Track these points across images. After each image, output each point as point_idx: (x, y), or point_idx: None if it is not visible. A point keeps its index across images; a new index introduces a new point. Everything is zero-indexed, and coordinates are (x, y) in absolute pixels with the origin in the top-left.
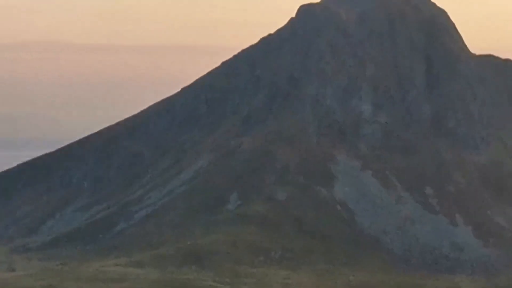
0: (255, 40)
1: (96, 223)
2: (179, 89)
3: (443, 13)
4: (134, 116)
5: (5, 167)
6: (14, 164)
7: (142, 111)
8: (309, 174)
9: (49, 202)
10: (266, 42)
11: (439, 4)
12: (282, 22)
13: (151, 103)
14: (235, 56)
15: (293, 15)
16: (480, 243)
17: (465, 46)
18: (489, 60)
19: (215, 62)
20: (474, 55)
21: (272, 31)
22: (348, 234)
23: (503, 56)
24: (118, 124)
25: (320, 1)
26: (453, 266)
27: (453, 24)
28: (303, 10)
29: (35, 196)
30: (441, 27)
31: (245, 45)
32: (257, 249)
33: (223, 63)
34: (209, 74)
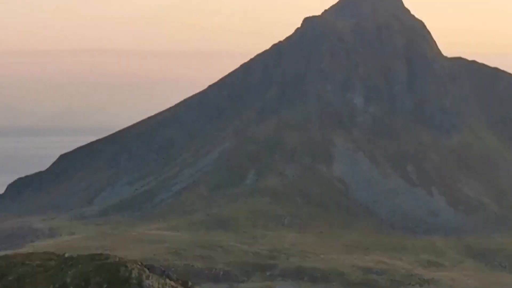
0: (267, 46)
1: (140, 195)
2: (206, 87)
3: (420, 23)
4: (169, 109)
5: (66, 150)
6: (74, 147)
7: (176, 105)
8: (312, 155)
9: (102, 178)
10: (277, 47)
11: (417, 16)
12: (289, 31)
13: (183, 98)
14: (251, 60)
15: (299, 25)
16: (451, 210)
17: (439, 50)
18: (459, 61)
19: (235, 64)
20: (446, 58)
21: (282, 38)
22: (344, 203)
23: (470, 58)
24: (156, 115)
25: (321, 14)
26: (429, 228)
27: (429, 32)
28: (307, 21)
29: (90, 173)
30: (419, 35)
31: (259, 50)
32: (270, 216)
33: (242, 65)
34: (230, 74)
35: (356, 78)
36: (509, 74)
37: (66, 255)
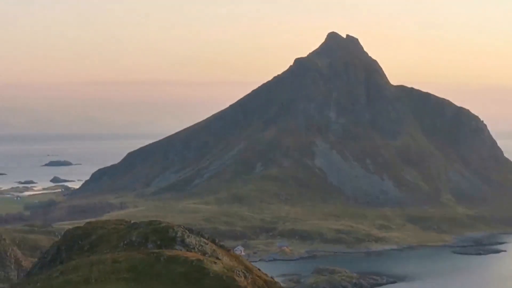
0: (270, 77)
1: (182, 180)
2: (227, 106)
3: (374, 61)
4: (202, 121)
5: (131, 150)
6: (137, 148)
7: (207, 118)
8: (301, 152)
9: (156, 169)
10: (276, 79)
11: (372, 56)
12: (285, 67)
13: (211, 114)
14: (258, 87)
15: (291, 63)
16: (396, 190)
17: (387, 79)
18: (401, 87)
19: (247, 90)
20: (392, 85)
21: (280, 72)
22: (322, 186)
23: (409, 85)
24: (194, 125)
25: (307, 56)
26: (381, 203)
27: (380, 67)
28: (297, 61)
29: (148, 165)
30: (374, 69)
31: (264, 81)
32: (272, 194)
33: (252, 91)
34: (244, 97)
35: (331, 99)
36: (436, 96)
37: (132, 221)
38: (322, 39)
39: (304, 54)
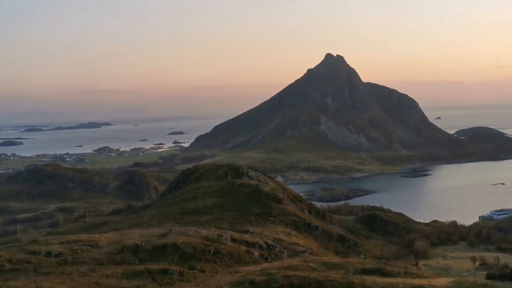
0: (292, 81)
1: (245, 140)
2: (268, 98)
3: (353, 69)
4: (254, 107)
5: (216, 124)
6: (219, 123)
7: (257, 105)
8: (312, 123)
9: (230, 135)
10: (297, 81)
11: (352, 66)
12: (302, 74)
13: (259, 103)
14: (285, 88)
15: (305, 71)
16: (368, 142)
17: (360, 79)
18: (369, 84)
19: (279, 90)
20: (363, 82)
21: (299, 77)
22: (325, 141)
23: (373, 82)
24: (249, 109)
25: (314, 67)
26: (359, 150)
27: (357, 72)
28: (309, 70)
29: (226, 134)
30: (352, 73)
31: (288, 83)
32: (296, 147)
33: (283, 89)
34: (277, 94)
35: (328, 92)
36: (389, 88)
37: (218, 164)
38: (322, 57)
39: (312, 66)
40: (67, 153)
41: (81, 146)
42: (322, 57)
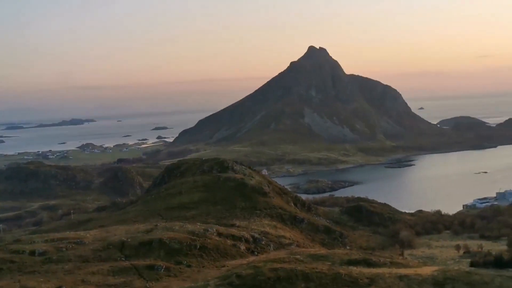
0: (276, 73)
1: (231, 134)
2: (253, 91)
3: (336, 61)
4: (239, 101)
5: (201, 118)
6: (204, 117)
7: (241, 99)
8: (296, 115)
9: (214, 130)
10: (281, 74)
11: (334, 58)
12: (285, 66)
13: (244, 96)
14: (269, 81)
15: (289, 64)
16: (352, 133)
17: (344, 71)
18: (352, 75)
19: (263, 82)
20: (347, 74)
21: (282, 70)
22: (309, 133)
23: (356, 74)
24: (234, 103)
25: (297, 60)
26: (343, 141)
27: (340, 64)
28: (292, 63)
29: (210, 127)
30: (336, 65)
31: (272, 76)
32: (281, 139)
33: (267, 82)
34: (262, 86)
35: (312, 85)
36: (372, 79)
37: (203, 158)
38: (305, 50)
39: (295, 58)
40: (50, 150)
41: (64, 143)
42: (305, 50)
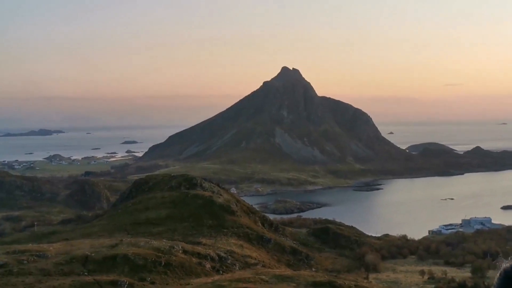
0: (248, 93)
1: (200, 151)
2: (225, 109)
3: (308, 82)
4: (210, 118)
5: (171, 134)
6: (173, 133)
7: (213, 116)
8: (268, 135)
9: (184, 146)
10: (253, 93)
11: (307, 79)
12: (258, 86)
13: (215, 114)
14: (241, 99)
15: (261, 84)
16: (321, 155)
17: (316, 93)
18: (324, 97)
19: (236, 100)
20: (318, 96)
21: (255, 89)
22: (280, 154)
23: (328, 96)
24: (205, 120)
25: (270, 80)
26: (313, 163)
27: (312, 86)
28: (265, 83)
29: (180, 144)
30: (308, 87)
31: (244, 95)
32: (251, 159)
33: (240, 100)
34: (234, 104)
35: (284, 105)
36: (343, 102)
37: (172, 174)
38: (278, 70)
39: (268, 78)
40: (16, 160)
41: (31, 153)
42: (279, 70)
